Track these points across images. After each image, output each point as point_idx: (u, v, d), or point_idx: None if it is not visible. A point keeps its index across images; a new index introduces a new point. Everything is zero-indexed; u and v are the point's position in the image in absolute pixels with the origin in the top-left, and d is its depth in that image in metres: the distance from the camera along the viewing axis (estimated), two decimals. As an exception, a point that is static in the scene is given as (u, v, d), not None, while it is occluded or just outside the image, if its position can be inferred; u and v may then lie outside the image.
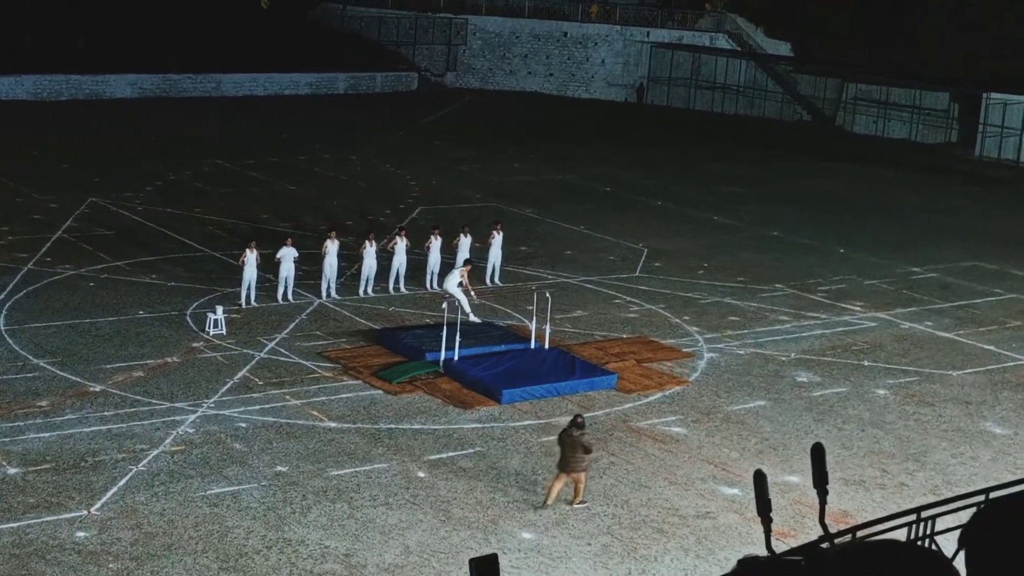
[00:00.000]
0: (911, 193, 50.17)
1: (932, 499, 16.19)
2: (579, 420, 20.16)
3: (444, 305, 26.78)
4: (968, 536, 3.03)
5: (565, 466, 19.76)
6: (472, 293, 29.22)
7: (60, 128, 53.40)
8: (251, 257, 29.27)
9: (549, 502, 19.79)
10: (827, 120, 69.66)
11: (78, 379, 24.14)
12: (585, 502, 19.96)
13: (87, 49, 62.67)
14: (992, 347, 29.93)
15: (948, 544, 9.61)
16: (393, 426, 22.88)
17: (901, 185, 51.88)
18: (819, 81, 70.27)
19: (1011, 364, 28.76)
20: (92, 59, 62.79)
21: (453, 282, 28.72)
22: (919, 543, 8.93)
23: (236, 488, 19.89)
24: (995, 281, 36.09)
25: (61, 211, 37.68)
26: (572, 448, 19.64)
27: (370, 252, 30.65)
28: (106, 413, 22.56)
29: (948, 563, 2.74)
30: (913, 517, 9.18)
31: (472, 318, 28.26)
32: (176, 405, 23.13)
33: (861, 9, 68.35)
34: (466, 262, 29.57)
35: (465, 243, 31.89)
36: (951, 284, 35.52)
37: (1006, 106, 60.07)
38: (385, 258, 31.12)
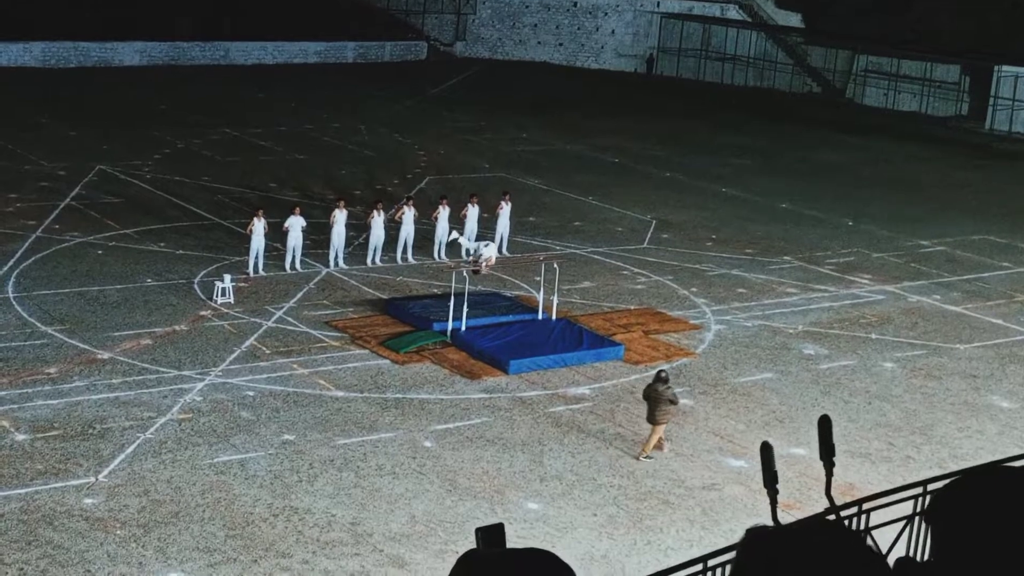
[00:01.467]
0: (921, 166, 50.02)
1: (938, 472, 16.18)
2: (663, 375, 21.07)
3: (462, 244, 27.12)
4: (936, 509, 3.01)
5: (654, 419, 20.68)
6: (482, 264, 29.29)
7: (68, 95, 53.34)
8: (259, 226, 29.27)
9: (649, 451, 20.77)
10: (837, 92, 69.39)
11: (86, 346, 24.19)
12: (652, 457, 20.71)
13: (95, 16, 62.52)
14: (1000, 321, 29.89)
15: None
16: (400, 396, 22.92)
17: (911, 158, 51.72)
18: (829, 53, 69.98)
19: (1019, 338, 28.72)
20: (100, 26, 62.65)
21: (479, 245, 28.97)
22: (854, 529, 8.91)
23: (243, 456, 19.95)
24: (1003, 254, 36.01)
25: (69, 178, 37.69)
26: (658, 402, 20.61)
27: (378, 222, 30.64)
28: (114, 380, 22.62)
29: (879, 555, 2.73)
30: (919, 490, 9.18)
31: (461, 240, 29.08)
32: (184, 373, 23.19)
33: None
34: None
35: (473, 213, 31.88)
36: (959, 257, 35.44)
37: (1017, 79, 59.79)
38: (393, 228, 31.10)
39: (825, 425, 8.84)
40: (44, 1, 62.36)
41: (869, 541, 7.75)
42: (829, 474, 8.71)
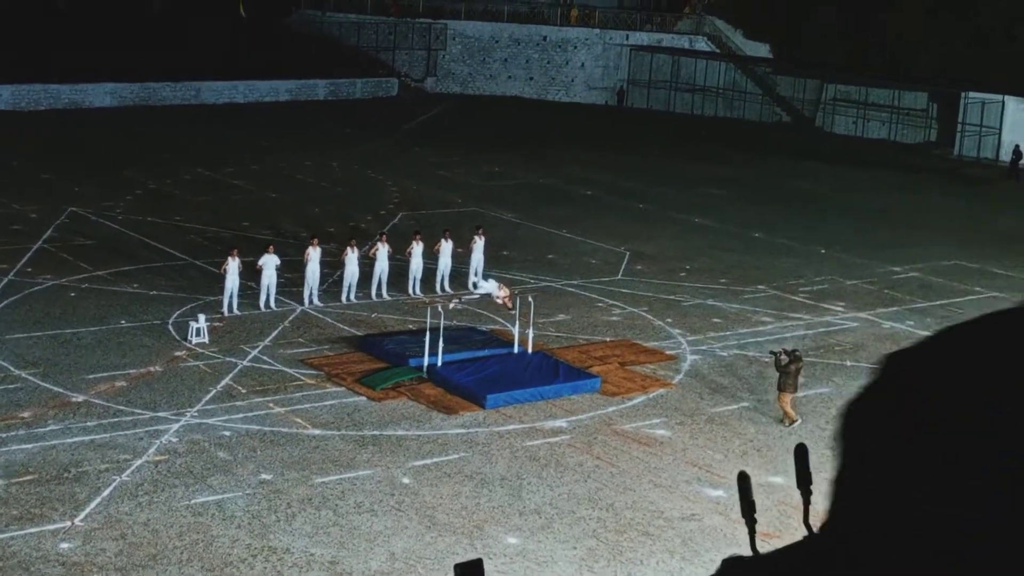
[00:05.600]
0: (891, 193, 50.35)
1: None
2: (798, 353, 24.23)
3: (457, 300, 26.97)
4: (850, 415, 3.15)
5: (788, 388, 23.83)
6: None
7: (39, 138, 53.21)
8: (233, 265, 29.21)
9: (794, 419, 23.93)
10: (807, 121, 69.87)
11: (60, 389, 24.05)
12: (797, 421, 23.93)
13: (65, 58, 62.46)
14: (973, 345, 29.99)
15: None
16: (377, 432, 22.85)
17: (881, 185, 52.05)
18: (798, 82, 70.49)
19: (993, 362, 28.82)
20: (70, 68, 62.58)
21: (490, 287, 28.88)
22: None
23: (220, 497, 19.84)
24: (975, 279, 36.24)
25: (41, 221, 37.55)
26: (793, 375, 23.75)
27: (352, 259, 30.63)
28: (89, 423, 22.48)
29: None
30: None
31: (481, 283, 28.84)
32: (159, 414, 23.07)
33: (839, 10, 68.54)
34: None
35: (447, 248, 31.91)
36: (932, 283, 35.64)
37: (984, 105, 60.34)
38: (367, 264, 31.09)
39: (802, 453, 8.87)
40: (13, 44, 62.28)
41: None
42: (807, 502, 8.74)
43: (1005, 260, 38.85)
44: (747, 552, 8.28)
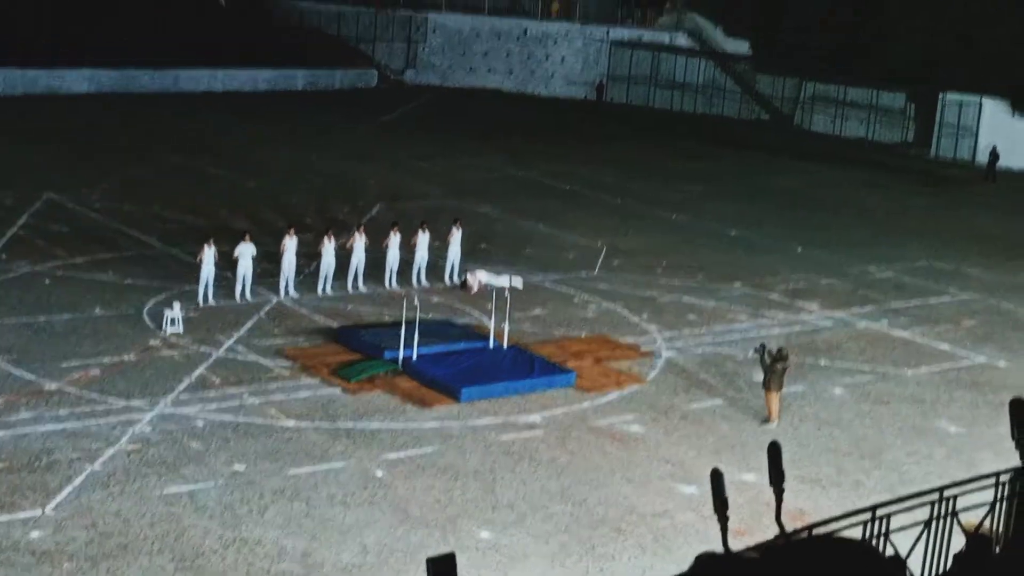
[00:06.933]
0: (868, 192, 50.53)
1: (887, 497, 16.31)
2: (784, 353, 24.17)
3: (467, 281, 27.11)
4: None
5: (774, 386, 23.99)
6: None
7: (16, 123, 52.90)
8: (209, 254, 29.11)
9: (772, 419, 24.08)
10: (785, 119, 70.03)
11: (33, 377, 23.94)
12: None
13: (43, 43, 62.09)
14: (946, 346, 30.19)
15: (902, 542, 9.69)
16: (351, 425, 22.82)
17: (858, 184, 52.24)
18: (777, 80, 70.62)
19: (965, 363, 29.02)
20: (48, 54, 62.22)
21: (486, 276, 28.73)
22: (871, 540, 9.00)
23: (193, 487, 19.79)
24: (950, 280, 36.41)
25: (16, 207, 37.34)
26: (780, 374, 23.83)
27: (329, 250, 30.56)
28: (61, 412, 22.39)
29: (899, 560, 2.77)
30: (869, 515, 9.26)
31: (516, 283, 28.59)
32: (133, 403, 22.98)
33: (818, 9, 68.69)
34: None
35: (423, 240, 31.88)
36: (907, 283, 35.80)
37: (961, 106, 60.58)
38: (344, 256, 31.03)
39: (775, 451, 8.92)
40: (-10, 28, 61.91)
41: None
42: (779, 500, 8.78)
43: (979, 261, 39.05)
44: (719, 548, 8.30)
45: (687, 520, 19.82)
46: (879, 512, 9.27)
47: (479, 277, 27.56)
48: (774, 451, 8.82)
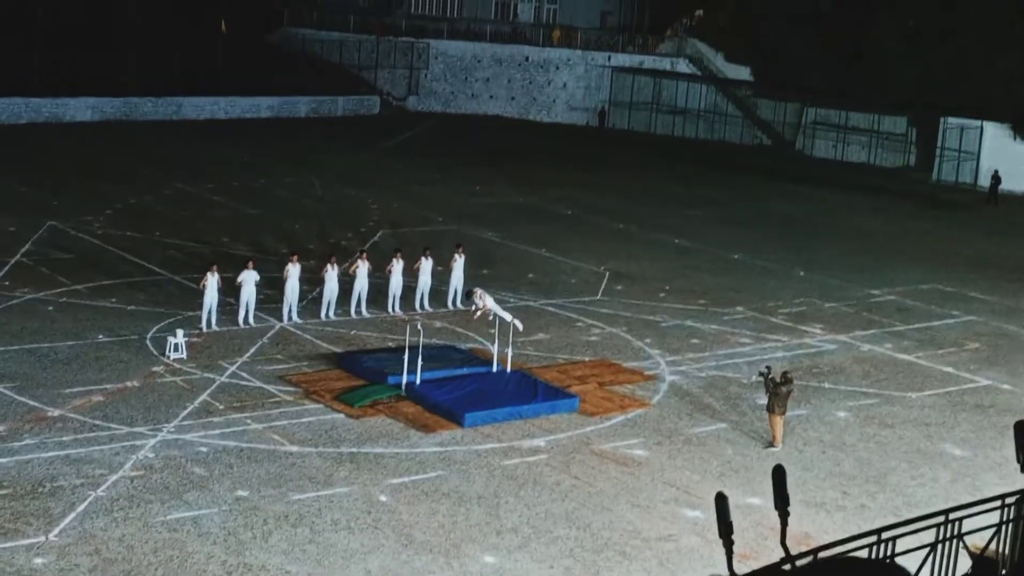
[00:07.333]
0: (870, 216, 50.58)
1: (893, 520, 16.28)
2: (789, 376, 24.28)
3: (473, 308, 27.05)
4: None
5: (778, 410, 23.91)
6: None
7: (19, 152, 53.04)
8: (212, 280, 29.16)
9: (777, 443, 24.00)
10: (787, 144, 70.16)
11: (36, 404, 23.93)
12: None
13: (46, 72, 62.30)
14: (951, 369, 30.16)
15: (908, 565, 9.66)
16: (355, 450, 22.79)
17: (860, 208, 52.29)
18: (779, 105, 70.81)
19: (969, 386, 28.98)
20: (51, 82, 62.45)
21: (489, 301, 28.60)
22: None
23: (196, 513, 19.75)
24: (953, 303, 36.40)
25: (19, 235, 37.40)
26: (784, 397, 23.74)
27: (332, 275, 30.59)
28: (65, 438, 22.37)
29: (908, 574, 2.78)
30: (874, 538, 9.23)
31: (516, 324, 27.83)
32: (136, 430, 22.97)
33: (820, 34, 68.91)
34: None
35: (427, 266, 31.91)
36: (910, 306, 35.79)
37: (963, 130, 60.70)
38: (347, 281, 31.06)
39: (779, 475, 8.90)
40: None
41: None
42: (784, 524, 8.76)
43: (982, 284, 39.05)
44: (724, 573, 8.28)
45: (692, 544, 19.76)
46: (885, 535, 9.24)
47: (487, 302, 27.52)
48: (778, 475, 8.80)
